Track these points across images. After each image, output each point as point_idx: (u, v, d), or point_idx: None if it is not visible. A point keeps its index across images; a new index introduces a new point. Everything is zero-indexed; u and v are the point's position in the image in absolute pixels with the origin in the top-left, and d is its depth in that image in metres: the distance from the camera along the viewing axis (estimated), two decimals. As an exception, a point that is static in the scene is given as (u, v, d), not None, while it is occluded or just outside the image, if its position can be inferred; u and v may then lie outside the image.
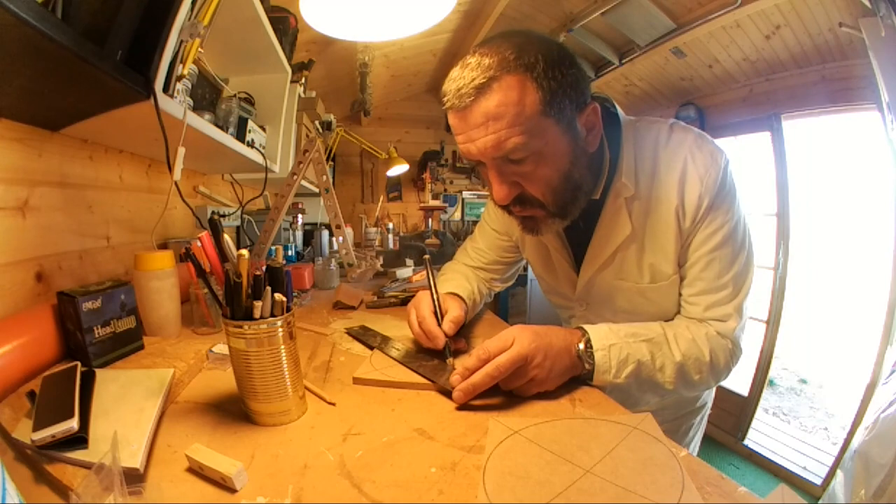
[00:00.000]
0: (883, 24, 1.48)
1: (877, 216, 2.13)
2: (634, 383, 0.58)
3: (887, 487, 1.03)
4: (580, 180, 0.60)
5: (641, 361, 0.58)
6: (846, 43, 1.82)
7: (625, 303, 0.71)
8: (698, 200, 0.61)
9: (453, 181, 3.71)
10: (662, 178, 0.63)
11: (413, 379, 0.57)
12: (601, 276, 0.71)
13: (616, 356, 0.56)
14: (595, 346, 0.56)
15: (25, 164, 0.68)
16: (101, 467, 0.32)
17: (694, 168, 0.61)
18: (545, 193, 0.58)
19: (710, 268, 0.63)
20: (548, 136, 0.54)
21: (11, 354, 0.52)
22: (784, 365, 3.53)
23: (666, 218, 0.63)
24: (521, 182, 0.58)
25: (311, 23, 0.74)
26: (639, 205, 0.64)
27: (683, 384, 0.61)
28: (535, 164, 0.55)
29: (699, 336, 0.62)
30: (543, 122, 0.52)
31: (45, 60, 0.49)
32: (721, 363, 0.63)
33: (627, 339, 0.58)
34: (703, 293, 0.64)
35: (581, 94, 0.56)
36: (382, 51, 2.47)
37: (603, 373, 0.56)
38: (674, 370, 0.60)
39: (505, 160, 0.55)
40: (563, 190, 0.58)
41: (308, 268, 1.26)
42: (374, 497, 0.35)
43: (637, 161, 0.64)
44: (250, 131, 1.17)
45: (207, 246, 0.48)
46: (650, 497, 0.34)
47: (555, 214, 0.60)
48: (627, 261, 0.68)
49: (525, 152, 0.53)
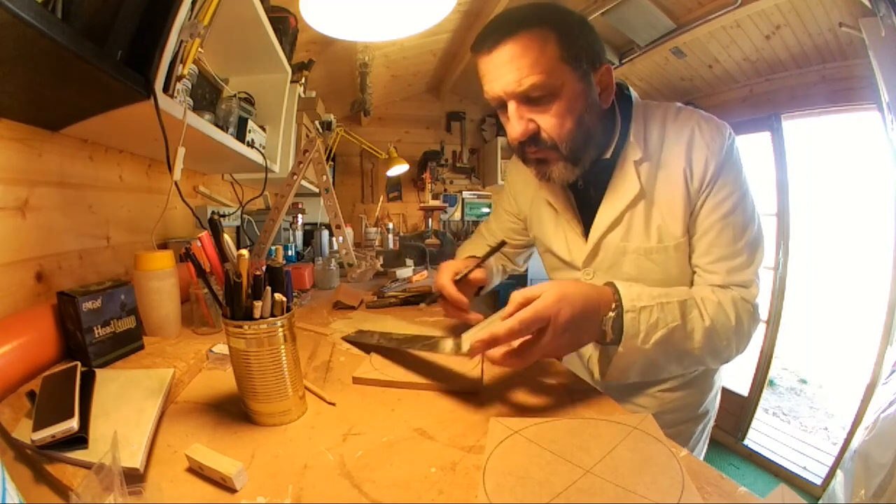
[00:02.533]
0: (883, 24, 1.48)
1: (877, 216, 2.13)
2: (662, 351, 0.57)
3: (887, 487, 1.03)
4: (592, 129, 0.64)
5: (672, 327, 0.57)
6: (846, 43, 1.82)
7: (631, 268, 0.71)
8: (705, 164, 0.63)
9: (453, 181, 3.71)
10: (671, 145, 0.66)
11: (411, 379, 0.57)
12: (609, 239, 0.71)
13: (646, 320, 0.55)
14: (626, 306, 0.55)
15: (25, 164, 0.68)
16: (101, 467, 0.32)
17: (700, 136, 0.65)
18: (559, 133, 0.61)
19: (723, 234, 0.64)
20: (565, 80, 0.59)
21: (11, 354, 0.52)
22: (784, 365, 3.53)
23: (674, 179, 0.65)
24: (537, 121, 0.62)
25: (311, 23, 0.74)
26: (647, 167, 0.67)
27: (710, 352, 0.61)
28: (551, 103, 0.60)
29: (725, 300, 0.62)
30: (561, 67, 0.58)
31: (45, 60, 0.49)
32: (745, 327, 0.62)
33: (660, 298, 0.57)
34: (720, 259, 0.65)
35: (597, 54, 0.62)
36: (382, 51, 2.47)
37: (631, 337, 0.54)
38: (703, 335, 0.59)
39: (524, 98, 0.60)
40: (575, 133, 0.62)
41: (308, 268, 1.26)
42: (374, 497, 0.35)
43: (647, 130, 0.68)
44: (250, 131, 1.17)
45: (207, 246, 0.48)
46: (650, 497, 0.34)
47: (567, 158, 0.64)
48: (635, 221, 0.69)
49: (543, 91, 0.58)
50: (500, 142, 3.41)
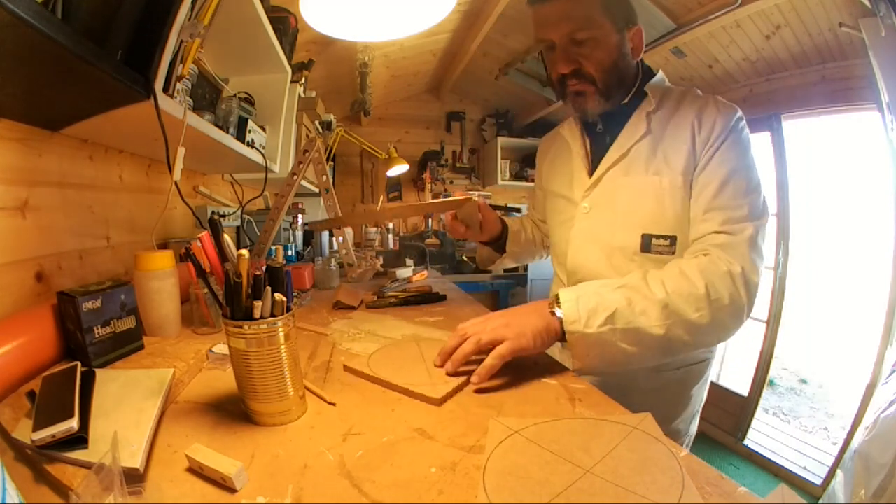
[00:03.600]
0: (883, 24, 1.48)
1: (877, 216, 2.13)
2: (617, 334, 0.58)
3: (887, 487, 1.03)
4: (624, 72, 0.76)
5: (616, 309, 0.58)
6: (846, 43, 1.82)
7: (626, 201, 0.76)
8: (713, 121, 0.69)
9: (453, 181, 3.71)
10: (685, 108, 0.74)
11: (397, 382, 0.56)
12: (611, 173, 0.78)
13: (585, 306, 0.58)
14: (562, 298, 0.60)
15: (25, 164, 0.68)
16: (101, 467, 0.32)
17: (714, 103, 0.72)
18: (598, 71, 0.73)
19: (727, 187, 0.67)
20: (605, 28, 0.71)
21: (11, 354, 0.52)
22: (784, 365, 3.53)
23: (683, 127, 0.72)
24: (580, 60, 0.72)
25: (311, 23, 0.74)
26: (659, 116, 0.75)
27: (680, 326, 0.59)
28: (593, 47, 0.71)
29: (689, 269, 0.62)
30: (602, 17, 0.71)
31: (45, 60, 0.49)
32: (723, 294, 0.60)
33: (599, 289, 0.61)
34: (718, 209, 0.66)
35: (631, 16, 0.74)
36: (382, 51, 2.47)
37: (572, 322, 0.58)
38: (659, 311, 0.58)
39: (571, 40, 0.71)
40: (611, 73, 0.73)
41: (308, 268, 1.26)
42: (374, 497, 0.35)
43: (663, 93, 0.77)
44: (250, 131, 1.17)
45: (207, 246, 0.48)
46: (650, 497, 0.34)
47: (602, 93, 0.74)
48: (638, 158, 0.75)
49: (587, 34, 0.70)
50: (499, 142, 3.41)
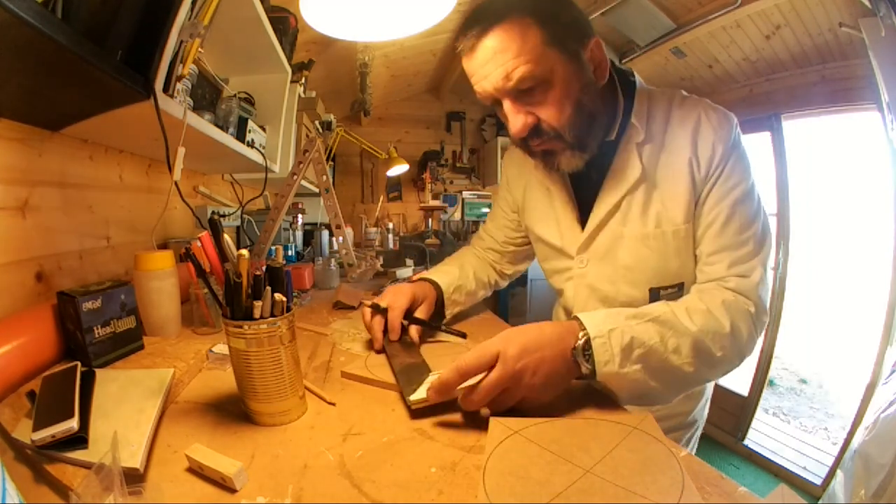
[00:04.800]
0: (883, 24, 1.48)
1: (877, 216, 2.13)
2: (648, 373, 0.51)
3: (887, 487, 1.03)
4: (594, 110, 0.61)
5: (650, 346, 0.51)
6: (846, 43, 1.82)
7: (627, 255, 0.68)
8: (712, 149, 0.62)
9: (453, 181, 3.71)
10: (675, 128, 0.64)
11: (389, 380, 0.56)
12: (607, 228, 0.69)
13: (618, 343, 0.49)
14: (592, 333, 0.50)
15: (25, 164, 0.68)
16: (101, 467, 0.32)
17: (707, 121, 0.63)
18: (560, 121, 0.59)
19: (729, 224, 0.62)
20: (554, 64, 0.56)
21: (11, 354, 0.52)
22: (784, 365, 3.53)
23: (679, 166, 0.63)
24: (535, 112, 0.59)
25: (311, 23, 0.74)
26: (650, 149, 0.65)
27: (705, 363, 0.55)
28: (546, 92, 0.58)
29: (715, 305, 0.57)
30: (547, 51, 0.56)
31: (45, 60, 0.49)
32: (744, 335, 0.58)
33: (630, 320, 0.52)
34: (724, 249, 0.62)
35: (582, 29, 0.59)
36: (382, 51, 2.47)
37: (605, 364, 0.49)
38: (690, 348, 0.53)
39: (517, 92, 0.58)
40: (577, 118, 0.59)
41: (308, 268, 1.26)
42: (374, 497, 0.35)
43: (650, 113, 0.66)
44: (250, 131, 1.17)
45: (207, 246, 0.48)
46: (650, 497, 0.34)
47: (573, 146, 0.61)
48: (634, 205, 0.67)
49: (533, 81, 0.56)
50: (500, 142, 3.41)
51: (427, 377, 0.53)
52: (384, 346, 0.66)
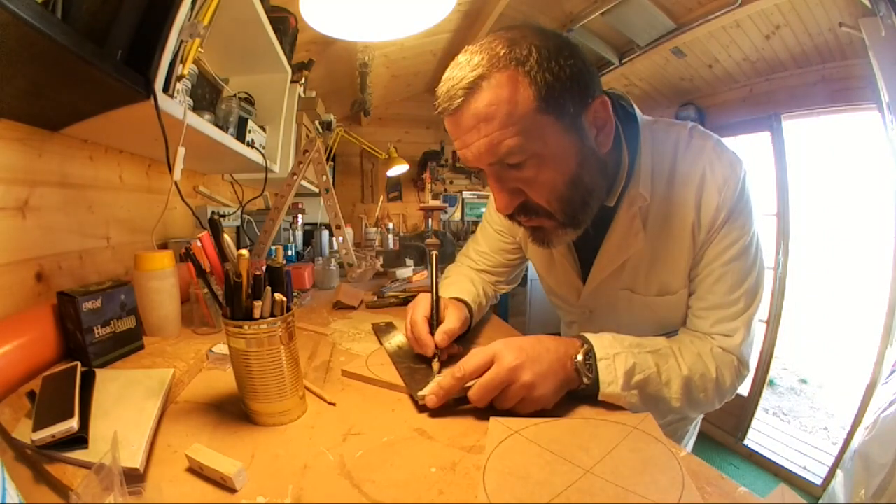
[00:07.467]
0: (883, 24, 1.48)
1: (877, 216, 2.13)
2: (642, 398, 0.53)
3: (887, 487, 1.03)
4: (591, 185, 0.54)
5: (648, 374, 0.53)
6: (846, 43, 1.82)
7: (628, 314, 0.69)
8: (715, 213, 0.58)
9: (453, 181, 3.71)
10: (679, 188, 0.60)
11: (396, 380, 0.56)
12: (607, 286, 0.68)
13: (622, 366, 0.50)
14: (599, 355, 0.51)
15: (25, 164, 0.68)
16: (101, 467, 0.32)
17: (713, 178, 0.58)
18: (550, 201, 0.52)
19: (722, 281, 0.60)
20: (547, 135, 0.48)
21: (11, 354, 0.52)
22: (784, 365, 3.52)
23: (681, 233, 0.61)
24: (523, 189, 0.53)
25: (311, 23, 0.74)
26: (654, 215, 0.61)
27: (689, 402, 0.57)
28: (537, 168, 0.50)
29: (704, 351, 0.59)
30: (540, 120, 0.47)
31: (45, 60, 0.49)
32: (727, 382, 0.60)
33: (633, 349, 0.53)
34: (713, 308, 0.62)
35: (585, 87, 0.49)
36: (382, 51, 2.47)
37: (608, 384, 0.50)
38: (680, 385, 0.55)
39: (503, 165, 0.50)
40: (570, 196, 0.52)
41: (308, 268, 1.26)
42: (374, 497, 0.35)
43: (654, 166, 0.60)
44: (250, 131, 1.17)
45: (207, 246, 0.48)
46: (650, 497, 0.34)
47: (565, 224, 0.55)
48: (637, 272, 0.65)
49: (522, 155, 0.49)
50: (500, 142, 3.40)
51: (433, 378, 0.54)
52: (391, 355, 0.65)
